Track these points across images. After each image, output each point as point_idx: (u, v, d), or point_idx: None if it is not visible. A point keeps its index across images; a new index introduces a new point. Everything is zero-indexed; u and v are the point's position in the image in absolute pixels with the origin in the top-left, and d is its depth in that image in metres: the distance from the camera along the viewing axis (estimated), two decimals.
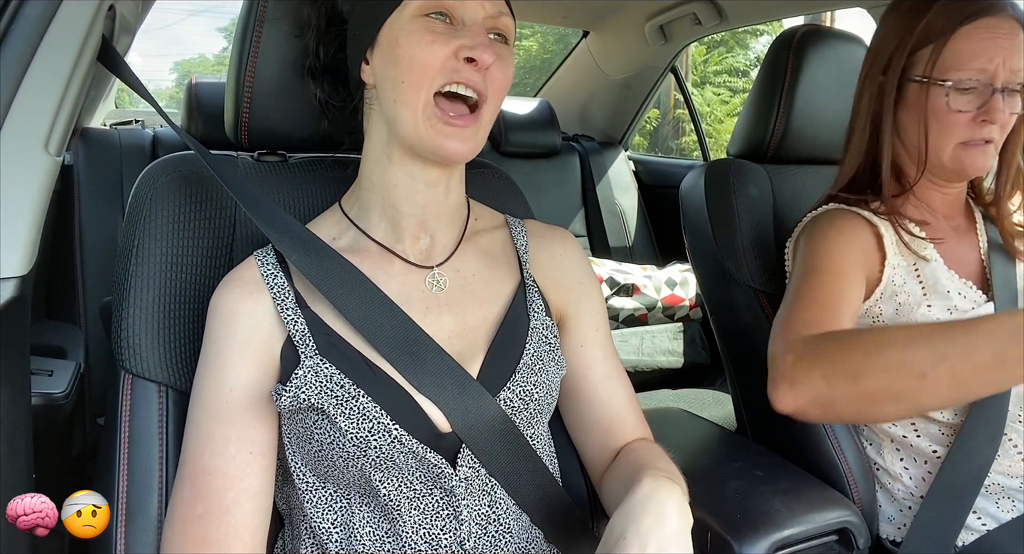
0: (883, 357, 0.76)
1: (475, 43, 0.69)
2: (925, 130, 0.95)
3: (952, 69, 0.91)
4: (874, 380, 0.76)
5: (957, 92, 0.92)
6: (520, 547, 0.75)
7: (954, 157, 0.95)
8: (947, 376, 0.73)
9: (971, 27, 0.91)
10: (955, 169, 0.96)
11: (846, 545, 0.88)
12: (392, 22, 0.72)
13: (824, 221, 1.00)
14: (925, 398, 0.76)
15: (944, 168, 0.97)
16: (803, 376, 0.80)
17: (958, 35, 0.91)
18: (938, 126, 0.94)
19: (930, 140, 0.95)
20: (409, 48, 0.70)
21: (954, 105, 0.92)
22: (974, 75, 0.91)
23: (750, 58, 11.02)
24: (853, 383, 0.77)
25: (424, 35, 0.70)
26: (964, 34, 0.91)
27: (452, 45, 0.70)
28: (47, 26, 0.71)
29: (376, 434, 0.68)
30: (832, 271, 0.92)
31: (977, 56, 0.90)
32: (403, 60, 0.70)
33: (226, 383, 0.71)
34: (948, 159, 0.95)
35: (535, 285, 0.83)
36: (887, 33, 0.99)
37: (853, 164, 1.03)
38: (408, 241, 0.78)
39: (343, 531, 0.72)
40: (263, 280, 0.74)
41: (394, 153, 0.75)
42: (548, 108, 2.37)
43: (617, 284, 2.02)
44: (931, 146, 0.95)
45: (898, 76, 0.96)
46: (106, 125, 2.15)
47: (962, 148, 0.94)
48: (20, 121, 0.70)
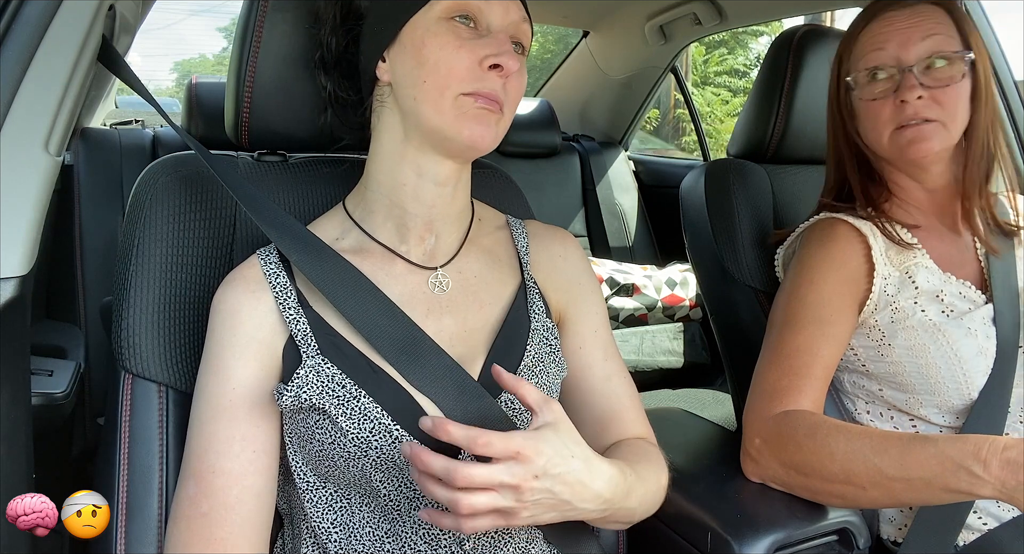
0: (831, 464, 0.83)
1: (500, 51, 0.70)
2: (856, 129, 1.01)
3: (857, 63, 0.98)
4: (820, 482, 0.85)
5: (862, 82, 0.97)
6: (520, 548, 0.75)
7: (892, 143, 0.97)
8: (884, 494, 0.80)
9: (872, 25, 0.98)
10: (897, 155, 0.97)
11: (846, 545, 0.88)
12: (417, 22, 0.72)
13: (814, 239, 1.01)
14: (867, 504, 0.85)
15: (894, 158, 0.99)
16: (765, 461, 0.90)
17: (861, 36, 0.99)
18: (866, 120, 0.99)
19: (868, 136, 1.00)
20: (435, 50, 0.70)
21: (864, 95, 0.98)
22: (871, 62, 0.96)
23: (750, 58, 11.02)
24: (804, 478, 0.86)
25: (451, 39, 0.70)
26: (864, 33, 0.98)
27: (478, 53, 0.70)
28: (47, 26, 0.71)
29: (377, 434, 0.68)
30: (813, 319, 0.94)
31: (875, 45, 0.96)
32: (428, 62, 0.70)
33: (229, 382, 0.71)
34: (888, 148, 0.97)
35: (536, 287, 0.83)
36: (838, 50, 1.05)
37: (841, 169, 1.05)
38: (413, 241, 0.78)
39: (343, 531, 0.72)
40: (266, 279, 0.74)
41: (408, 149, 0.75)
42: (548, 108, 2.37)
43: (617, 284, 2.02)
44: (871, 141, 1.00)
45: (841, 89, 1.02)
46: (106, 125, 2.15)
47: (897, 133, 0.96)
48: (20, 121, 0.70)
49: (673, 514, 0.89)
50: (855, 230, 0.98)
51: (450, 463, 0.58)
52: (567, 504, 0.63)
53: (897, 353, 0.95)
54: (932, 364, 0.93)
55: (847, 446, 0.82)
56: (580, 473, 0.63)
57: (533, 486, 0.60)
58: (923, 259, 0.98)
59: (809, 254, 1.00)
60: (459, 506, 0.59)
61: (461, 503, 0.58)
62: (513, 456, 0.59)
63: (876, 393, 0.99)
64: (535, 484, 0.60)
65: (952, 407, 0.94)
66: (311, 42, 0.81)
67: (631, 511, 0.72)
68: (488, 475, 0.58)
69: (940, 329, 0.93)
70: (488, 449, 0.59)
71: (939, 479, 0.76)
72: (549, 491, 0.61)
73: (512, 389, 0.64)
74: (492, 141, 0.73)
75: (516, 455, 0.59)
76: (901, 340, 0.95)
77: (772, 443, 0.89)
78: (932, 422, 0.95)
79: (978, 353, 0.93)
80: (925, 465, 0.77)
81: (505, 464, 0.59)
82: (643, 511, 0.76)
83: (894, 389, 0.97)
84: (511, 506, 0.60)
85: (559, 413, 0.65)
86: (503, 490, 0.59)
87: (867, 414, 1.01)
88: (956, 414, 0.94)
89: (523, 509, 0.61)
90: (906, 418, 0.98)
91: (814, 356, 0.92)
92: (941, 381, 0.93)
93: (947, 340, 0.93)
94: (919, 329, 0.94)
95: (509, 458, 0.59)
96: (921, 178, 1.02)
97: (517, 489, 0.59)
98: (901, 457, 0.79)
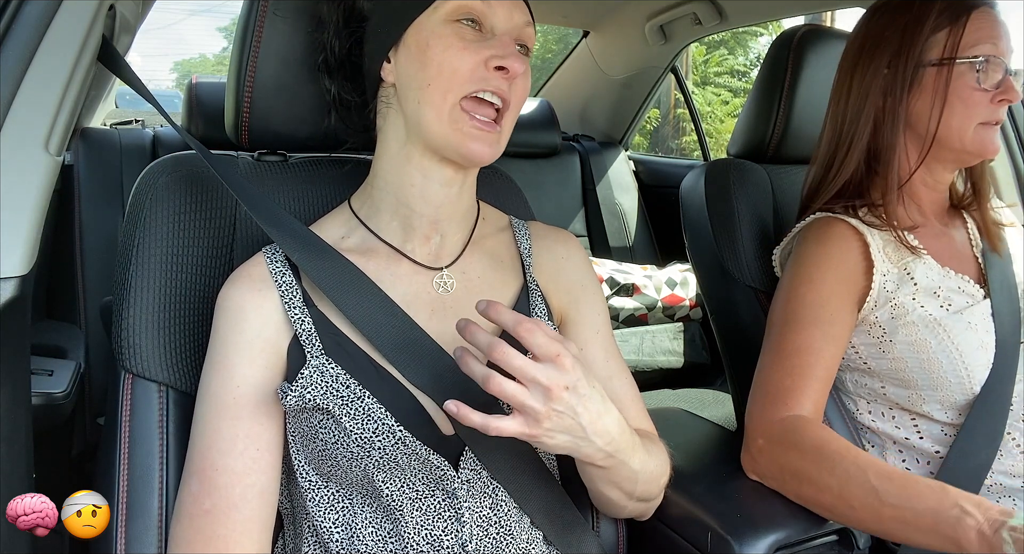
0: (829, 477, 0.83)
1: (505, 53, 0.71)
2: (940, 114, 0.96)
3: (974, 47, 0.94)
4: (813, 491, 0.86)
5: (984, 69, 0.94)
6: (521, 548, 0.75)
7: (975, 138, 0.96)
8: (871, 517, 0.81)
9: (978, 12, 0.94)
10: (976, 150, 0.97)
11: (846, 545, 0.88)
12: (421, 24, 0.72)
13: (811, 237, 1.01)
14: (849, 522, 0.86)
15: (963, 151, 0.97)
16: (765, 461, 0.91)
17: (972, 17, 0.94)
18: (962, 107, 0.95)
19: (952, 122, 0.96)
20: (440, 52, 0.70)
21: (983, 82, 0.94)
22: (993, 52, 0.94)
23: (750, 58, 11.02)
24: (798, 485, 0.87)
25: (455, 41, 0.70)
26: (976, 17, 0.94)
27: (483, 54, 0.71)
28: (47, 26, 0.71)
29: (380, 435, 0.68)
30: (814, 318, 0.94)
31: (989, 37, 0.94)
32: (433, 63, 0.70)
33: (233, 380, 0.71)
34: (970, 141, 0.96)
35: (537, 289, 0.83)
36: (883, 28, 1.00)
37: (850, 167, 1.02)
38: (418, 241, 0.78)
39: (345, 531, 0.72)
40: (271, 277, 0.74)
41: (413, 152, 0.75)
42: (548, 108, 2.37)
43: (617, 284, 2.02)
44: (954, 128, 0.96)
45: (911, 65, 0.97)
46: (106, 125, 2.15)
47: (982, 128, 0.95)
48: (20, 121, 0.70)
49: (673, 514, 0.89)
50: (852, 228, 0.98)
51: (493, 339, 0.61)
52: (581, 431, 0.64)
53: (898, 349, 0.95)
54: (933, 359, 0.93)
55: (852, 465, 0.83)
56: (599, 404, 0.66)
57: (562, 396, 0.61)
58: (922, 256, 0.98)
59: (807, 252, 1.00)
60: (490, 382, 0.60)
61: (492, 380, 0.60)
62: (553, 358, 0.61)
63: (878, 391, 0.99)
64: (564, 395, 0.62)
65: (954, 403, 0.94)
66: (312, 43, 0.82)
67: (633, 474, 0.73)
68: (525, 365, 0.60)
69: (940, 324, 0.94)
70: (531, 336, 0.61)
71: (929, 513, 0.76)
72: (573, 409, 0.63)
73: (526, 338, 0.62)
74: (491, 156, 0.73)
75: (556, 358, 0.61)
76: (902, 336, 0.95)
77: (776, 445, 0.89)
78: (934, 418, 0.95)
79: (979, 347, 0.93)
80: (923, 497, 0.78)
81: (544, 365, 0.61)
82: (643, 487, 0.76)
83: (896, 386, 0.97)
84: (538, 408, 0.61)
85: (579, 352, 0.66)
86: (534, 389, 0.61)
87: (868, 414, 1.02)
88: (958, 410, 0.94)
89: (546, 419, 0.62)
90: (907, 416, 0.98)
91: (817, 356, 0.92)
92: (943, 376, 0.93)
93: (948, 334, 0.93)
94: (919, 324, 0.94)
95: (549, 360, 0.61)
96: (946, 176, 1.03)
97: (548, 392, 0.61)
98: (903, 487, 0.79)
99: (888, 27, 0.99)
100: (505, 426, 0.61)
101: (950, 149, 0.98)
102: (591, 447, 0.66)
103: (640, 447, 0.73)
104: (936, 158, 1.00)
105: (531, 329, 0.61)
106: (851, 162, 1.02)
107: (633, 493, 0.77)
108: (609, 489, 0.76)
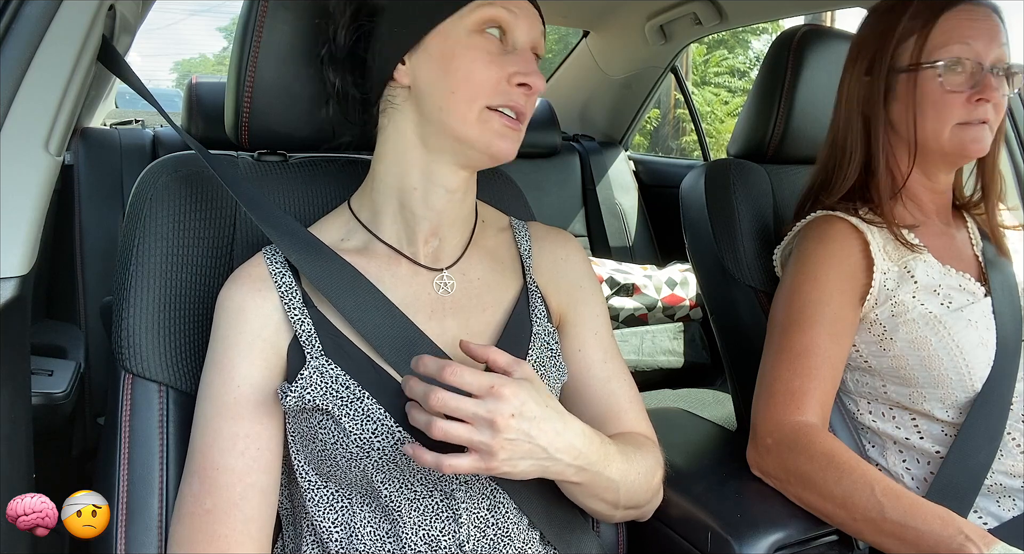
0: (835, 486, 0.84)
1: (528, 69, 0.72)
2: (915, 118, 0.96)
3: (940, 50, 0.94)
4: (816, 497, 0.86)
5: (949, 72, 0.94)
6: (517, 548, 0.75)
7: (953, 138, 0.95)
8: (871, 530, 0.82)
9: (951, 13, 0.94)
10: (956, 150, 0.96)
11: (846, 545, 0.88)
12: (446, 31, 0.72)
13: (812, 236, 1.01)
14: (853, 534, 0.86)
15: (944, 153, 0.97)
16: (772, 460, 0.91)
17: (941, 20, 0.94)
18: (933, 110, 0.95)
19: (927, 126, 0.96)
20: (467, 63, 0.71)
21: (948, 85, 0.94)
22: (962, 53, 0.93)
23: (750, 58, 11.02)
24: (801, 489, 0.88)
25: (482, 54, 0.71)
26: (946, 19, 0.94)
27: (507, 69, 0.71)
28: (47, 26, 0.71)
29: (379, 436, 0.68)
30: (817, 318, 0.94)
31: (961, 37, 0.93)
32: (459, 73, 0.71)
33: (234, 380, 0.71)
34: (947, 141, 0.96)
35: (537, 290, 0.83)
36: (865, 35, 1.02)
37: (852, 177, 1.03)
38: (419, 243, 0.78)
39: (344, 531, 0.72)
40: (271, 278, 0.74)
41: (419, 156, 0.75)
42: (548, 108, 2.37)
43: (617, 284, 2.02)
44: (929, 132, 0.96)
45: (885, 72, 0.98)
46: (106, 125, 2.15)
47: (960, 128, 0.95)
48: (20, 121, 0.70)
49: (673, 514, 0.89)
50: (852, 226, 0.98)
51: (428, 388, 0.61)
52: (543, 453, 0.64)
53: (899, 347, 0.95)
54: (934, 356, 0.93)
55: (860, 478, 0.83)
56: (554, 421, 0.65)
57: (509, 424, 0.61)
58: (923, 254, 0.98)
59: (808, 251, 1.00)
60: (433, 428, 0.60)
61: (435, 425, 0.60)
62: (488, 392, 0.61)
63: (879, 390, 0.99)
64: (511, 423, 0.61)
65: (955, 401, 0.94)
66: (315, 39, 0.81)
67: (613, 484, 0.72)
68: (459, 404, 0.60)
69: (941, 321, 0.94)
70: (455, 378, 0.61)
71: (931, 535, 0.78)
72: (526, 434, 0.62)
73: (483, 357, 0.65)
74: (513, 154, 0.75)
75: (491, 390, 0.61)
76: (902, 334, 0.95)
77: (784, 447, 0.90)
78: (935, 417, 0.95)
79: (979, 344, 0.94)
80: (927, 519, 0.79)
81: (482, 398, 0.61)
82: (627, 495, 0.75)
83: (897, 384, 0.97)
84: (487, 442, 0.61)
85: (531, 373, 0.66)
86: (479, 424, 0.61)
87: (869, 414, 1.02)
88: (959, 409, 0.94)
89: (500, 450, 0.61)
90: (908, 415, 0.98)
91: (823, 356, 0.93)
92: (943, 373, 0.93)
93: (948, 332, 0.93)
94: (920, 322, 0.94)
95: (486, 394, 0.61)
96: (943, 177, 1.03)
97: (493, 425, 0.60)
98: (909, 507, 0.80)
99: (870, 34, 1.01)
100: (458, 464, 0.61)
101: (932, 152, 0.98)
102: (559, 465, 0.66)
103: (617, 455, 0.72)
104: (925, 161, 1.00)
105: (455, 372, 0.61)
106: (852, 171, 1.03)
107: (617, 503, 0.75)
108: (592, 502, 0.75)
